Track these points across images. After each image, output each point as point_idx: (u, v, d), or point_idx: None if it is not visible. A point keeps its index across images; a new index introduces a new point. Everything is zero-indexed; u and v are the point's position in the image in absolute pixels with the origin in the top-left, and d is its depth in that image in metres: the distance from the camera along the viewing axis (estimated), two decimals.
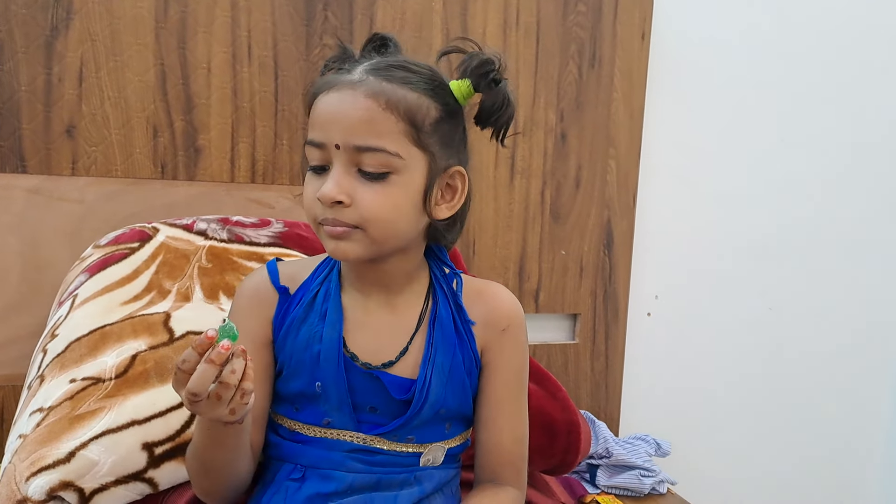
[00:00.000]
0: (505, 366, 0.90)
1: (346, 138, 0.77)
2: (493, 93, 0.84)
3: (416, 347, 0.86)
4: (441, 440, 0.89)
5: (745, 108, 1.83)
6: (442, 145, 0.82)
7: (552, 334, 1.75)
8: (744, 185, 1.85)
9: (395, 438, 0.86)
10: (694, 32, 1.76)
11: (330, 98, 0.79)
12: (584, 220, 1.69)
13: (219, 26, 1.39)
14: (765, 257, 1.89)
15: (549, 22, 1.61)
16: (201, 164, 1.41)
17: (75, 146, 1.33)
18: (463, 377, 0.88)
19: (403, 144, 0.79)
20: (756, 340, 1.92)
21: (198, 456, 0.83)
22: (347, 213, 0.78)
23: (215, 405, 0.70)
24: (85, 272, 1.14)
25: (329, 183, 0.78)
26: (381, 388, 0.84)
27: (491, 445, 0.90)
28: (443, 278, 0.90)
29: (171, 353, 1.00)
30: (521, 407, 0.92)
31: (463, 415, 0.90)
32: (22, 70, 1.29)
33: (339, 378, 0.84)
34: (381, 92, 0.78)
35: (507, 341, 0.90)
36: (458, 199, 0.85)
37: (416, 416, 0.85)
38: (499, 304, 0.91)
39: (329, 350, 0.84)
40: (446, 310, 0.88)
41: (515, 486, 0.91)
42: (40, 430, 0.91)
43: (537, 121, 1.62)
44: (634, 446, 1.60)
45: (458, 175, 0.85)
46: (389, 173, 0.78)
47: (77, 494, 0.88)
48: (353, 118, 0.77)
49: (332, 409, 0.85)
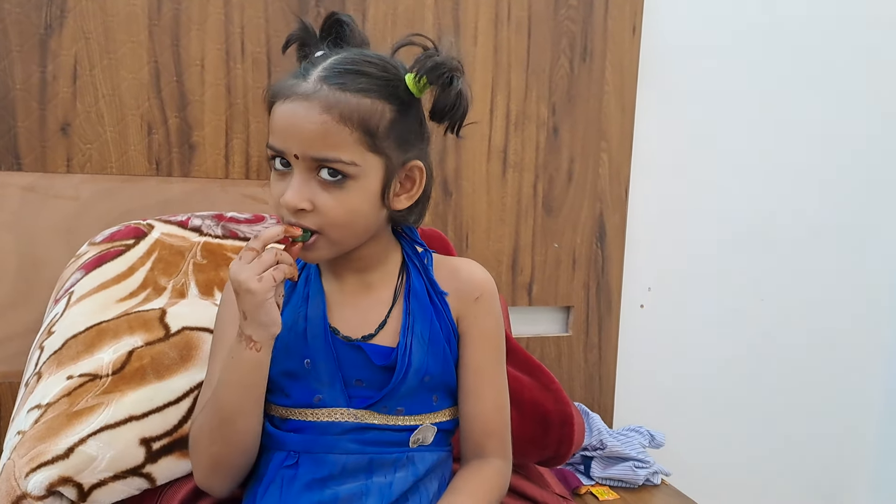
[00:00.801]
0: (480, 334, 0.93)
1: (304, 149, 0.81)
2: (447, 92, 0.85)
3: (394, 319, 0.90)
4: (429, 412, 0.91)
5: (737, 101, 1.84)
6: (398, 145, 0.85)
7: (545, 327, 1.76)
8: (735, 178, 1.86)
9: (384, 410, 0.88)
10: (685, 25, 1.77)
11: (286, 108, 0.82)
12: (577, 213, 1.70)
13: (212, 23, 1.40)
14: (756, 249, 1.91)
15: (541, 16, 1.61)
16: (196, 161, 1.42)
17: (70, 144, 1.34)
18: (443, 345, 0.91)
19: (359, 153, 0.82)
20: (748, 331, 1.93)
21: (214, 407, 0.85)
22: (310, 218, 0.82)
23: (255, 262, 0.79)
24: (80, 269, 1.15)
25: (290, 192, 0.81)
26: (365, 360, 0.88)
27: (474, 415, 0.93)
28: (414, 255, 0.94)
29: (167, 348, 1.01)
30: (501, 375, 0.96)
31: (447, 385, 0.93)
32: (16, 68, 1.29)
33: (327, 351, 0.87)
34: (335, 104, 0.80)
35: (481, 310, 0.94)
36: (417, 190, 0.89)
37: (402, 382, 0.87)
38: (470, 276, 0.95)
39: (315, 327, 0.88)
40: (420, 282, 0.92)
41: (500, 457, 0.94)
42: (39, 426, 0.92)
43: (529, 115, 1.63)
44: (628, 438, 1.61)
45: (416, 168, 0.88)
46: (346, 178, 0.82)
47: (76, 490, 0.89)
48: (309, 131, 0.80)
49: (323, 385, 0.88)
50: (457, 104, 0.86)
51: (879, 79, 1.95)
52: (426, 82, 0.84)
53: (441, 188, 1.59)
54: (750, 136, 1.86)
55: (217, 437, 0.85)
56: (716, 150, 1.84)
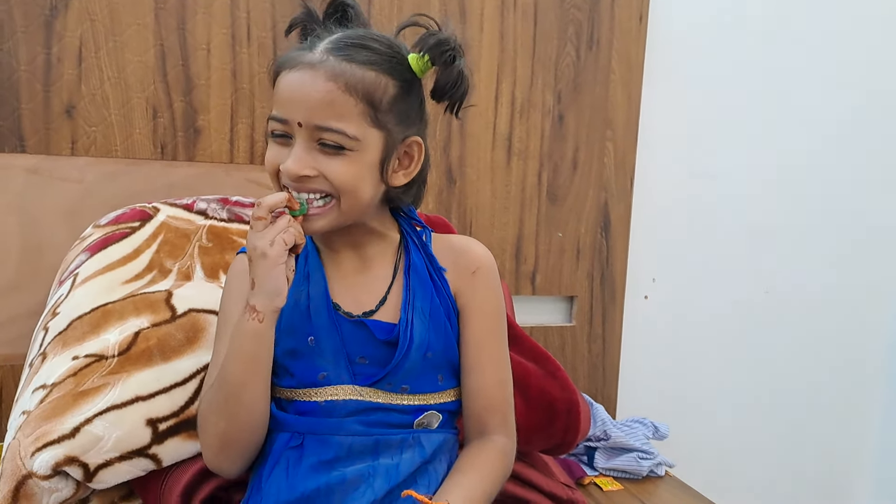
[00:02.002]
0: (479, 308, 0.93)
1: (308, 117, 0.81)
2: (449, 70, 0.87)
3: (394, 295, 0.90)
4: (434, 391, 0.91)
5: (743, 91, 1.83)
6: (399, 120, 0.86)
7: (549, 317, 1.76)
8: (741, 169, 1.86)
9: (388, 387, 0.88)
10: (692, 14, 1.76)
11: (292, 77, 0.83)
12: (582, 202, 1.69)
13: (218, 7, 1.39)
14: (761, 241, 1.90)
15: (547, 3, 1.60)
16: (201, 145, 1.41)
17: (75, 126, 1.33)
18: (444, 320, 0.91)
19: (361, 125, 0.83)
20: (752, 323, 1.93)
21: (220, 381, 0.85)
22: (317, 183, 0.83)
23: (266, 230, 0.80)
24: (86, 251, 1.14)
25: (291, 159, 0.82)
26: (368, 336, 0.88)
27: (476, 390, 0.92)
28: (413, 233, 0.95)
29: (174, 330, 1.00)
30: (502, 350, 0.96)
31: (451, 362, 0.92)
32: (21, 50, 1.28)
33: (330, 328, 0.87)
34: (340, 74, 0.81)
35: (479, 283, 0.94)
36: (415, 167, 0.90)
37: (406, 357, 0.87)
38: (467, 251, 0.95)
39: (318, 304, 0.88)
40: (419, 258, 0.92)
41: (502, 434, 0.93)
42: (44, 406, 0.92)
43: (534, 102, 1.62)
44: (632, 429, 1.60)
45: (415, 144, 0.89)
46: (348, 150, 0.83)
47: (82, 469, 0.88)
48: (314, 100, 0.81)
49: (327, 361, 0.87)
50: (458, 82, 0.88)
51: (892, 74, 1.94)
52: (428, 60, 0.86)
53: (445, 175, 1.58)
54: (757, 127, 1.86)
55: (224, 413, 0.85)
56: (722, 140, 1.83)
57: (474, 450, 0.92)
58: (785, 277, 1.94)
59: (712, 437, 1.93)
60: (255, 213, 0.81)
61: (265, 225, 0.80)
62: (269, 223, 0.81)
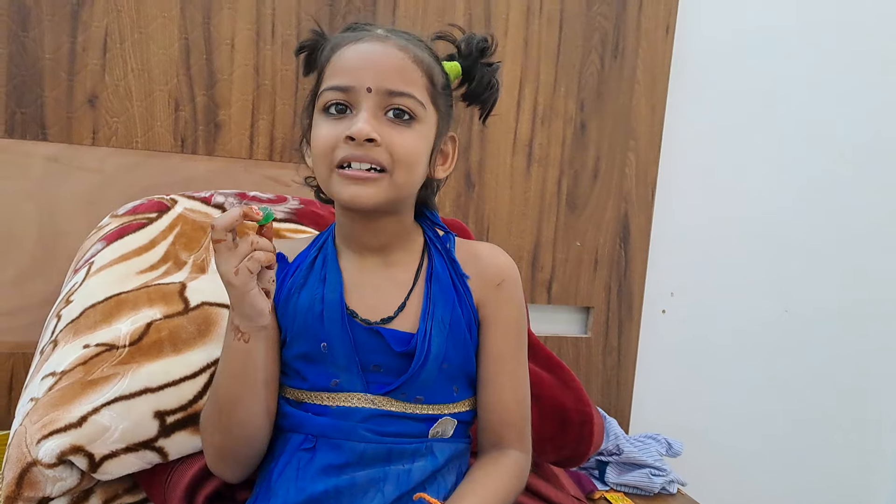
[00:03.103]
0: (502, 321, 0.91)
1: (379, 82, 0.81)
2: (489, 72, 0.92)
3: (414, 303, 0.88)
4: (449, 402, 0.89)
5: (769, 105, 1.81)
6: (446, 108, 0.88)
7: (564, 327, 1.74)
8: (765, 184, 1.84)
9: (403, 397, 0.86)
10: (718, 26, 1.75)
11: (361, 47, 0.83)
12: (601, 212, 1.68)
13: (244, 3, 1.39)
14: (783, 258, 1.88)
15: (573, 11, 1.59)
16: (221, 140, 1.40)
17: (97, 116, 1.33)
18: (463, 332, 0.89)
19: (425, 97, 0.84)
20: (771, 342, 1.90)
21: (213, 396, 0.84)
22: (378, 152, 0.81)
23: (229, 254, 0.76)
24: (102, 240, 1.13)
25: (360, 121, 0.80)
26: (384, 344, 0.85)
27: (493, 404, 0.90)
28: (436, 239, 0.93)
29: (186, 322, 0.99)
30: (521, 365, 0.93)
31: (467, 373, 0.91)
32: (47, 38, 1.28)
33: (343, 335, 0.85)
34: (408, 47, 0.84)
35: (503, 296, 0.91)
36: (451, 164, 0.92)
37: (421, 369, 0.85)
38: (493, 261, 0.93)
39: (332, 309, 0.86)
40: (442, 265, 0.90)
41: (518, 449, 0.91)
42: (52, 393, 0.91)
43: (557, 109, 1.61)
44: (645, 445, 1.58)
45: (452, 141, 0.92)
46: (414, 119, 0.83)
47: (87, 460, 0.87)
48: (387, 65, 0.81)
49: (340, 369, 0.86)
50: (495, 87, 0.92)
51: None
52: (460, 68, 0.91)
53: (464, 180, 1.57)
54: (782, 143, 1.84)
55: (218, 427, 0.84)
56: (747, 155, 1.81)
57: (489, 461, 0.90)
58: (805, 296, 1.91)
59: (726, 457, 1.90)
60: (213, 237, 0.76)
61: (227, 248, 0.76)
62: (231, 245, 0.76)
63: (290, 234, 1.19)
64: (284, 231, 1.20)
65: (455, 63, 0.91)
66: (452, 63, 0.91)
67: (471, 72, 0.92)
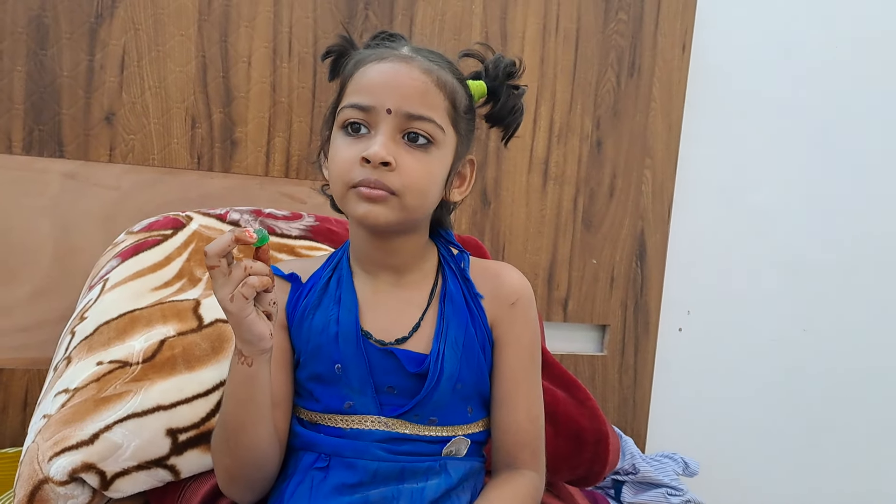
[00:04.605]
0: (516, 341, 0.90)
1: (400, 104, 0.80)
2: (514, 97, 0.92)
3: (428, 323, 0.87)
4: (463, 423, 0.88)
5: (785, 124, 1.80)
6: (466, 132, 0.88)
7: (580, 345, 1.72)
8: (782, 202, 1.82)
9: (416, 419, 0.85)
10: (735, 46, 1.74)
11: (384, 67, 0.82)
12: (617, 229, 1.67)
13: (261, 21, 1.39)
14: (800, 277, 1.86)
15: (589, 29, 1.59)
16: (237, 157, 1.41)
17: (114, 133, 1.34)
18: (477, 352, 0.88)
19: (445, 121, 0.83)
20: (789, 362, 1.88)
21: (221, 419, 0.83)
22: (390, 177, 0.80)
23: (224, 280, 0.74)
24: (117, 257, 1.14)
25: (376, 145, 0.79)
26: (398, 366, 0.85)
27: (507, 424, 0.89)
28: (450, 258, 0.92)
29: (200, 339, 0.99)
30: (536, 385, 0.92)
31: (481, 393, 0.90)
32: (65, 55, 1.30)
33: (358, 356, 0.84)
34: (432, 69, 0.83)
35: (518, 316, 0.91)
36: (467, 187, 0.91)
37: (435, 389, 0.84)
38: (506, 280, 0.92)
39: (347, 331, 0.85)
40: (455, 286, 0.89)
41: (533, 469, 0.90)
42: (65, 410, 0.90)
43: (573, 127, 1.61)
44: (662, 464, 1.56)
45: (470, 164, 0.91)
46: (431, 144, 0.82)
47: (98, 477, 0.87)
48: (409, 87, 0.81)
49: (354, 391, 0.85)
50: (519, 112, 0.92)
51: None
52: (486, 88, 0.91)
53: (480, 197, 1.57)
54: (799, 160, 1.82)
55: (226, 450, 0.83)
56: (764, 172, 1.80)
57: (503, 481, 0.89)
58: (824, 316, 1.88)
59: (744, 477, 1.87)
60: (207, 263, 0.74)
61: (222, 273, 0.74)
62: (225, 271, 0.74)
63: (305, 251, 1.19)
64: (300, 248, 1.19)
65: (481, 82, 0.91)
66: (478, 82, 0.91)
67: (496, 93, 0.92)
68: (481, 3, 1.51)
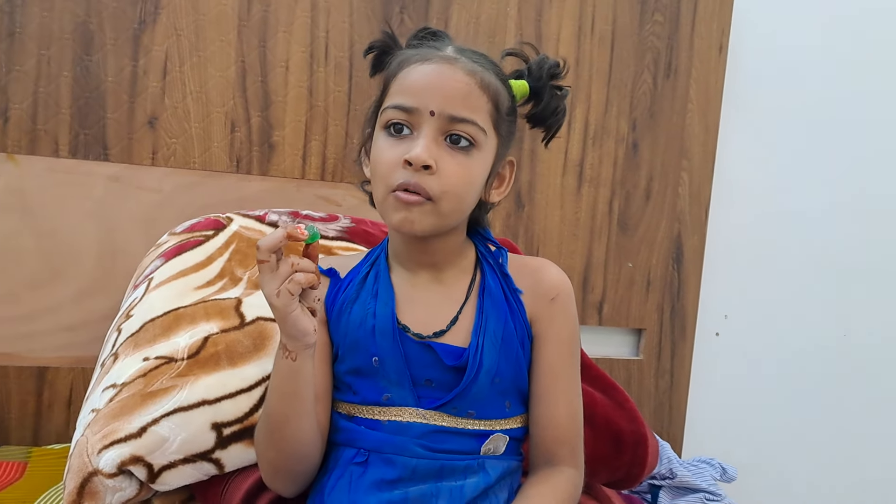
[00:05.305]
0: (556, 336, 0.90)
1: (443, 107, 0.81)
2: (557, 97, 0.92)
3: (466, 317, 0.88)
4: (501, 417, 0.88)
5: (825, 125, 1.78)
6: (507, 133, 0.88)
7: (615, 349, 1.71)
8: (822, 205, 1.79)
9: (454, 412, 0.85)
10: (774, 46, 1.72)
11: (428, 68, 0.83)
12: (654, 232, 1.66)
13: (299, 26, 1.42)
14: (841, 281, 1.83)
15: (625, 30, 1.59)
16: (274, 160, 1.43)
17: (156, 137, 1.36)
18: (516, 347, 0.88)
19: (487, 123, 0.84)
20: (829, 367, 1.85)
21: (265, 413, 0.85)
22: (430, 181, 0.81)
23: (271, 276, 0.75)
24: (161, 257, 1.16)
25: (418, 148, 0.80)
26: (435, 359, 0.85)
27: (546, 420, 0.89)
28: (488, 254, 0.92)
29: (242, 336, 1.00)
30: (575, 381, 0.92)
31: (519, 389, 0.90)
32: (110, 61, 1.33)
33: (395, 350, 0.85)
34: (476, 71, 0.83)
35: (557, 311, 0.90)
36: (506, 188, 0.92)
37: (473, 382, 0.84)
38: (546, 276, 0.92)
39: (383, 324, 0.86)
40: (494, 280, 0.90)
41: (571, 466, 0.90)
42: (113, 404, 0.92)
43: (608, 129, 1.60)
44: (699, 469, 1.54)
45: (510, 165, 0.92)
46: (473, 147, 0.83)
47: (146, 470, 0.88)
48: (452, 90, 0.81)
49: (391, 383, 0.85)
50: (561, 113, 0.93)
51: None
52: (528, 88, 0.91)
53: (514, 200, 1.57)
54: (839, 162, 1.80)
55: (270, 443, 0.84)
56: (803, 175, 1.78)
57: (541, 479, 0.88)
58: (865, 320, 1.85)
59: (782, 484, 1.84)
60: (258, 257, 0.76)
61: (270, 269, 0.75)
62: (273, 266, 0.75)
63: (341, 251, 1.20)
64: (336, 249, 1.21)
65: (523, 82, 0.91)
66: (521, 82, 0.91)
67: (539, 94, 0.92)
68: (516, 5, 1.52)
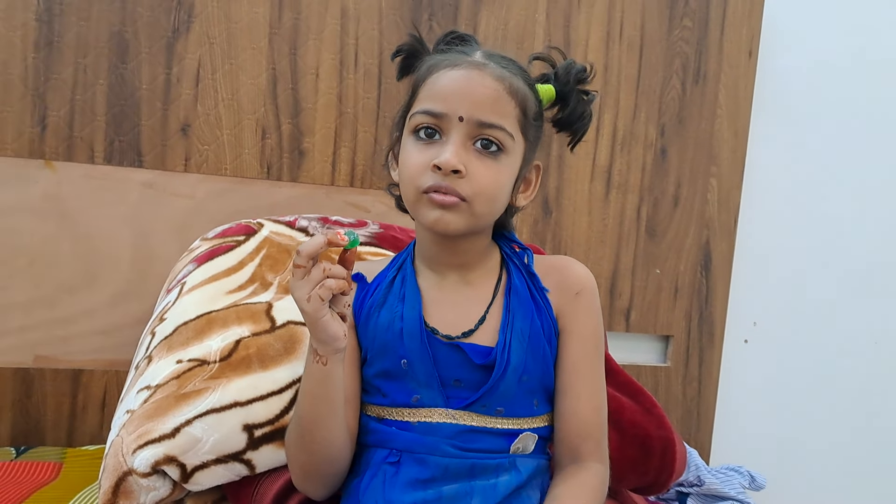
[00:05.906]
0: (580, 330, 0.91)
1: (472, 112, 0.82)
2: (584, 102, 0.92)
3: (493, 317, 0.89)
4: (529, 416, 0.88)
5: (856, 130, 1.76)
6: (534, 137, 0.89)
7: (643, 356, 1.70)
8: (852, 212, 1.78)
9: (483, 410, 0.86)
10: (803, 51, 1.71)
11: (456, 74, 0.84)
12: (682, 238, 1.65)
13: (329, 33, 1.43)
14: (872, 288, 1.81)
15: (654, 36, 1.59)
16: (304, 167, 1.44)
17: (189, 144, 1.38)
18: (543, 344, 0.89)
19: (515, 129, 0.85)
20: (860, 375, 1.82)
21: (296, 416, 0.86)
22: (461, 184, 0.82)
23: (302, 281, 0.76)
24: (193, 262, 1.18)
25: (448, 153, 0.81)
26: (464, 359, 0.86)
27: (570, 414, 0.89)
28: (514, 255, 0.93)
29: (273, 340, 1.02)
30: (599, 376, 0.92)
31: (546, 387, 0.90)
32: (144, 69, 1.35)
33: (423, 351, 0.86)
34: (504, 77, 0.84)
35: (581, 305, 0.91)
36: (532, 191, 0.93)
37: (501, 380, 0.85)
38: (571, 272, 0.93)
39: (411, 326, 0.87)
40: (520, 280, 0.91)
41: (596, 461, 0.90)
42: (147, 405, 0.94)
43: (637, 135, 1.60)
44: (728, 476, 1.53)
45: (536, 169, 0.93)
46: (501, 152, 0.84)
47: (179, 470, 0.90)
48: (481, 95, 0.82)
49: (420, 385, 0.86)
50: (588, 118, 0.93)
51: None
52: (554, 92, 0.91)
53: (541, 206, 1.57)
54: (872, 169, 1.78)
55: (301, 446, 0.85)
56: (833, 181, 1.76)
57: (570, 477, 0.88)
58: None
59: (811, 493, 1.81)
60: (295, 261, 0.76)
61: (303, 273, 0.76)
62: (307, 271, 0.76)
63: (370, 256, 1.22)
64: (365, 254, 1.22)
65: (550, 86, 0.92)
66: (547, 86, 0.92)
67: (566, 98, 0.93)
68: (544, 11, 1.53)
